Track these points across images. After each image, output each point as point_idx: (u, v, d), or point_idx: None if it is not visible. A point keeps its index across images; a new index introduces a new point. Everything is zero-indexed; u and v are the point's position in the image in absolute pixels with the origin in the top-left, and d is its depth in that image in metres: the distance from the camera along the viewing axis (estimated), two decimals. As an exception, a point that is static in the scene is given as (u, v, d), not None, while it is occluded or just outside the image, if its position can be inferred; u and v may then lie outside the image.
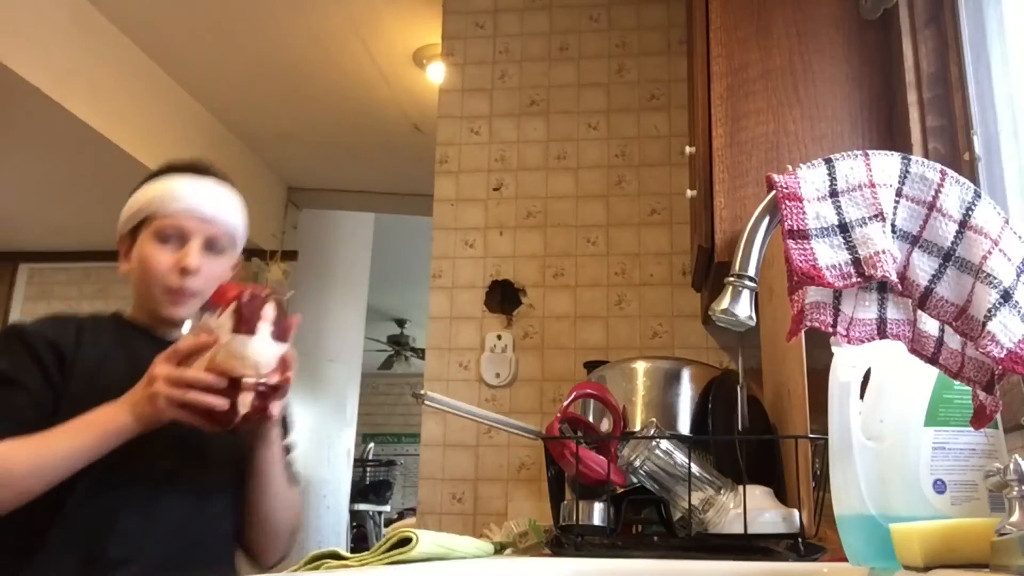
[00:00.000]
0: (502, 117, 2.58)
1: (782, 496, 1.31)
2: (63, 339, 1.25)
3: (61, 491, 1.14)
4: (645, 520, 1.50)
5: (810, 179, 0.69)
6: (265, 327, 1.16)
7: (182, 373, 1.13)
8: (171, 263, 1.29)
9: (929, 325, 0.70)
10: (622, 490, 1.32)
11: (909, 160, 0.70)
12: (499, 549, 1.38)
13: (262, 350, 1.15)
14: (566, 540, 1.33)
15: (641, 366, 1.61)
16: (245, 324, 1.15)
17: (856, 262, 0.65)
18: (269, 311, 1.17)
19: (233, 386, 1.14)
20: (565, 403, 1.45)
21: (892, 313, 0.70)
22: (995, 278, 0.63)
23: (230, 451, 1.30)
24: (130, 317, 1.37)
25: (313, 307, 4.53)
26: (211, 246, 1.33)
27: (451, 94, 2.63)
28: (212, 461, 1.29)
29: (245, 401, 1.14)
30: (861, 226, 0.66)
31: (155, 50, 3.42)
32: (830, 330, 0.68)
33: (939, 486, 0.76)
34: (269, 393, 1.17)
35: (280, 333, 1.18)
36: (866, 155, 0.69)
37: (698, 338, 2.32)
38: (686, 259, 2.37)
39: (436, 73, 3.06)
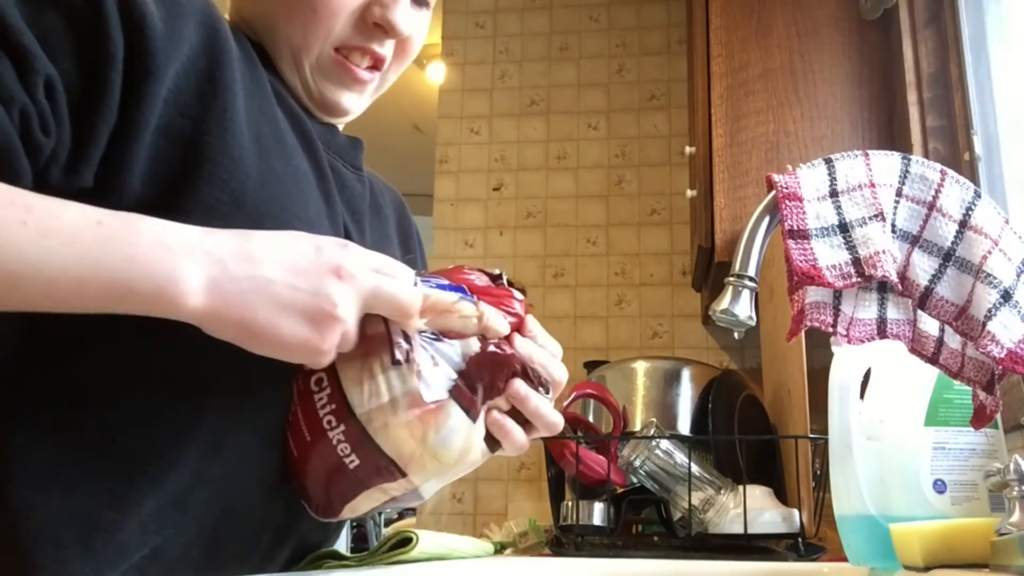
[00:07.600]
0: (502, 117, 2.58)
1: (782, 496, 1.31)
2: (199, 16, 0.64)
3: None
4: (645, 520, 1.50)
5: (810, 179, 0.69)
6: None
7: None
8: (359, 3, 0.73)
9: (929, 325, 0.69)
10: (622, 490, 1.32)
11: (909, 160, 0.70)
12: (499, 549, 1.38)
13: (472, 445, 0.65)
14: (566, 540, 1.33)
15: (641, 366, 1.61)
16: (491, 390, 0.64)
17: (856, 262, 0.65)
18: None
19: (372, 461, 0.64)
20: (565, 403, 1.44)
21: (892, 313, 0.69)
22: (995, 278, 0.63)
23: None
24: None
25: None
26: None
27: (451, 94, 2.63)
28: None
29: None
30: (861, 226, 0.66)
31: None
32: (830, 330, 0.68)
33: (939, 486, 0.76)
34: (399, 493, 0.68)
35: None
36: (866, 155, 0.69)
37: (698, 338, 2.32)
38: (686, 259, 2.37)
39: (436, 73, 3.05)
